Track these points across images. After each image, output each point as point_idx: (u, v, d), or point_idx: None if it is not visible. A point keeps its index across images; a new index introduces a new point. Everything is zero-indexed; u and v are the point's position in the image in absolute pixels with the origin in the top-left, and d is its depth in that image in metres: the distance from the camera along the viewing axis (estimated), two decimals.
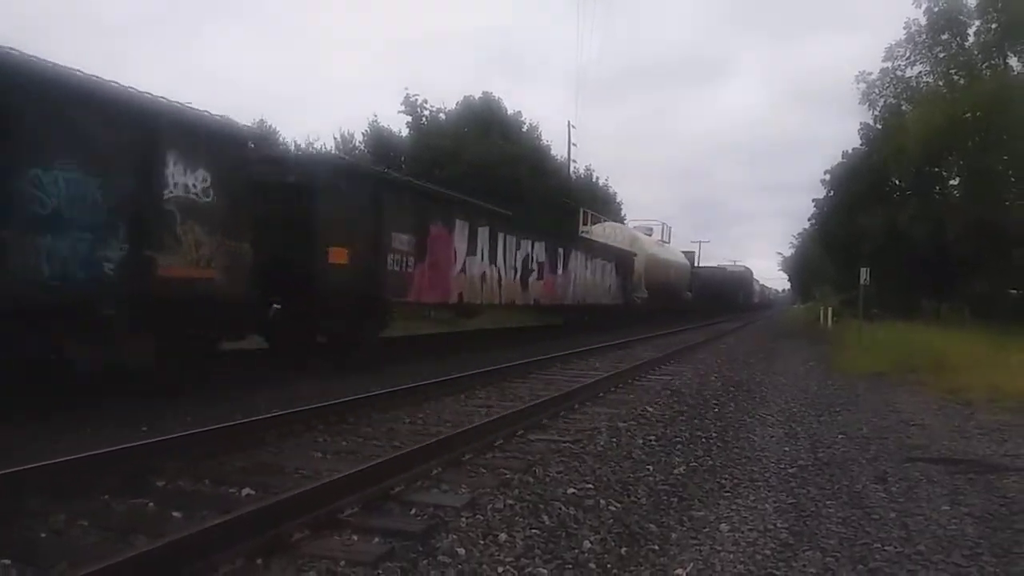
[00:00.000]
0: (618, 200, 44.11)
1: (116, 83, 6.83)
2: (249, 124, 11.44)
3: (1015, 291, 26.35)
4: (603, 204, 38.89)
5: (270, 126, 29.92)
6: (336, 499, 3.90)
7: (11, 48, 5.97)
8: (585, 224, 28.85)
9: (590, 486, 4.70)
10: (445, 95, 45.56)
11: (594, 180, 41.73)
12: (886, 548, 3.96)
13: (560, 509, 4.19)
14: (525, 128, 35.31)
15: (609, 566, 3.58)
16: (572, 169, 38.29)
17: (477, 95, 34.15)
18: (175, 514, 3.90)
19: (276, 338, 10.60)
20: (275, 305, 9.95)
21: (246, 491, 4.34)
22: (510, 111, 34.96)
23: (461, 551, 3.47)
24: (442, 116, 33.73)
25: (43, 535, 3.59)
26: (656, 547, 3.89)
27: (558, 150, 38.02)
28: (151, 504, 4.08)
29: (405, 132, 33.42)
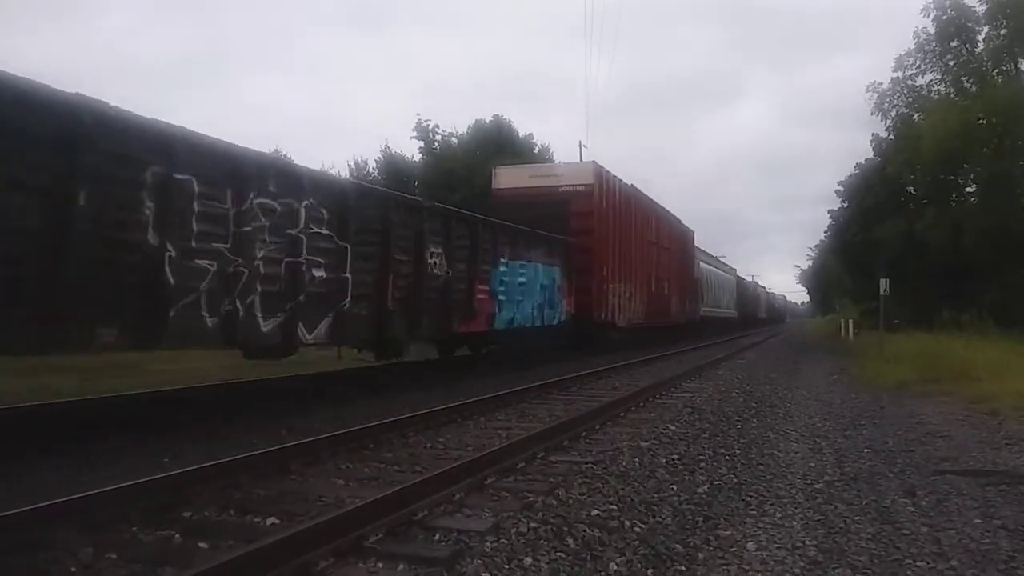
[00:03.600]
0: None
1: None
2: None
3: None
4: None
5: (284, 154, 30.17)
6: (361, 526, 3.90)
7: None
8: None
9: (614, 507, 4.66)
10: (457, 120, 45.98)
11: None
12: (918, 564, 3.90)
13: (585, 531, 4.17)
14: (537, 150, 35.47)
15: None
16: None
17: (488, 119, 34.42)
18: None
19: None
20: None
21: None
22: (521, 133, 35.18)
23: None
24: (454, 140, 34.00)
25: (72, 569, 3.61)
26: (683, 568, 3.85)
27: None
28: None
29: (418, 157, 33.70)
